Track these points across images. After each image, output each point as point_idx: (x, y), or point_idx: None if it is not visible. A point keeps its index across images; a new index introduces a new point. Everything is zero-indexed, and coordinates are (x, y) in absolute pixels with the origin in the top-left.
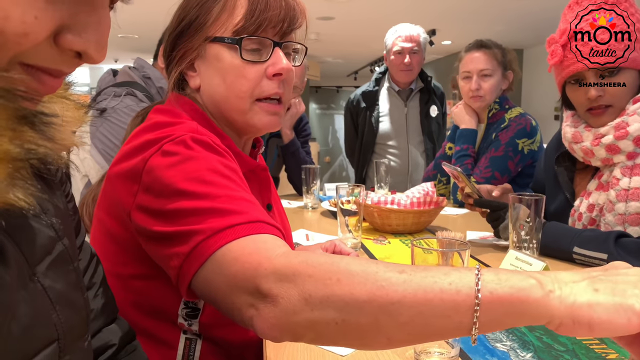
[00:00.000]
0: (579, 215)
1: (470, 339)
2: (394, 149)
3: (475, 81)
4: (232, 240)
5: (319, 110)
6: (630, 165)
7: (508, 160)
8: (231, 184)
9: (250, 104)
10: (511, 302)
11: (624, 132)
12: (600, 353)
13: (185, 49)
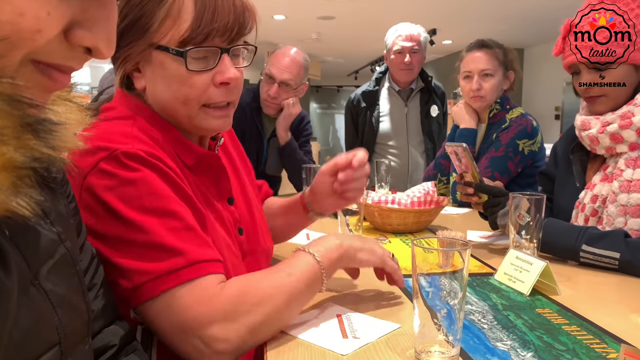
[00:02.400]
0: (582, 207)
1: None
2: (394, 149)
3: (476, 81)
4: (175, 285)
5: (319, 109)
6: (634, 157)
7: (508, 160)
8: (171, 208)
9: (197, 110)
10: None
11: (629, 122)
12: (601, 352)
13: (129, 51)
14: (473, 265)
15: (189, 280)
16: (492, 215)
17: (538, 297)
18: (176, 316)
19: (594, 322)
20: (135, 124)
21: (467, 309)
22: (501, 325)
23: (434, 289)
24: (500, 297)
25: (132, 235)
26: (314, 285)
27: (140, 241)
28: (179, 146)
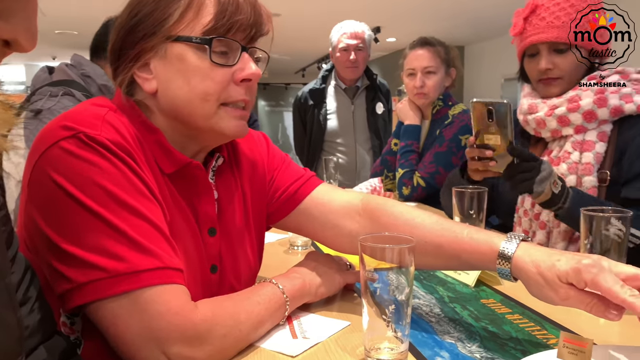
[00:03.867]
0: None
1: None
2: (342, 146)
3: (419, 78)
4: (142, 287)
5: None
6: (580, 140)
7: (452, 155)
8: (137, 203)
9: (216, 107)
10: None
11: (576, 105)
12: (542, 339)
13: (141, 47)
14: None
15: (159, 284)
16: (525, 181)
17: (483, 288)
18: (143, 322)
19: (535, 309)
20: (112, 113)
21: (415, 302)
22: (448, 318)
23: (382, 285)
24: (446, 289)
25: (90, 224)
26: (278, 315)
27: (99, 231)
28: (159, 150)
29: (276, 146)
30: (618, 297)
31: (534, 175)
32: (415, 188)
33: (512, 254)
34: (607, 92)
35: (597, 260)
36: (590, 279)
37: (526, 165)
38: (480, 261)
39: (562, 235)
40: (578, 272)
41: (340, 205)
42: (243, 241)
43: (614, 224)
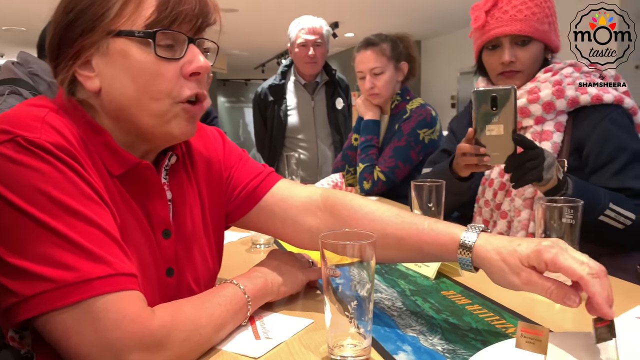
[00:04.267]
0: (490, 182)
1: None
2: (303, 142)
3: (368, 80)
4: (94, 296)
5: (228, 103)
6: (539, 131)
7: (410, 150)
8: (83, 208)
9: (169, 105)
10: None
11: (536, 97)
12: (501, 328)
13: (80, 44)
14: None
15: (112, 292)
16: (533, 169)
17: (443, 280)
18: (97, 332)
19: (494, 299)
20: (53, 114)
21: (377, 297)
22: (410, 311)
23: (344, 280)
24: (407, 282)
25: (34, 233)
26: (240, 317)
27: (44, 240)
28: (105, 151)
29: (233, 142)
30: (576, 274)
31: (541, 162)
32: (375, 182)
33: (473, 244)
34: (564, 83)
35: (555, 242)
36: (550, 258)
37: (532, 153)
38: (441, 252)
39: (523, 225)
40: (539, 253)
41: (301, 201)
42: (201, 242)
43: (566, 214)
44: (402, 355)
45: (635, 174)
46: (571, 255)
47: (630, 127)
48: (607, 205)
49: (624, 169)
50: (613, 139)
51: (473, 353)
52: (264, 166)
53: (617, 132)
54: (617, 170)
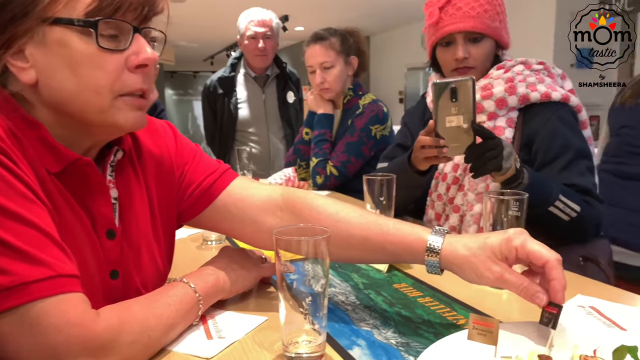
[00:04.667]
0: (443, 176)
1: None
2: (254, 136)
3: (318, 75)
4: (34, 300)
5: (175, 96)
6: (491, 127)
7: (362, 145)
8: (18, 208)
9: (110, 100)
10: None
11: (489, 93)
12: (452, 320)
13: (11, 32)
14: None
15: (52, 295)
16: (493, 159)
17: (395, 273)
18: (37, 338)
19: (444, 291)
20: None
21: (331, 291)
22: (363, 305)
23: (299, 276)
24: (360, 276)
25: None
26: (191, 316)
27: None
28: (42, 147)
29: (185, 137)
30: (543, 258)
31: (500, 152)
32: (328, 177)
33: (440, 246)
34: (515, 80)
35: (521, 231)
36: (520, 244)
37: (491, 142)
38: (407, 253)
39: (475, 219)
40: (509, 241)
41: (260, 201)
42: (149, 243)
43: (512, 207)
44: (357, 350)
45: (579, 171)
46: (538, 242)
47: (575, 125)
48: (557, 196)
49: (569, 165)
50: (559, 137)
51: (426, 346)
52: (219, 162)
53: (563, 130)
54: (563, 166)
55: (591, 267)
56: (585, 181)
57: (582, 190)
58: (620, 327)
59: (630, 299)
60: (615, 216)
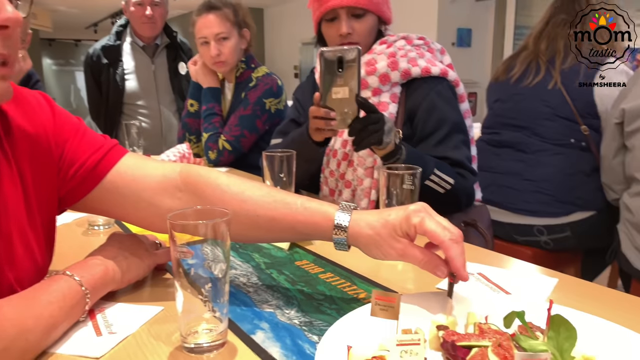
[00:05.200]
0: (334, 152)
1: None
2: (144, 109)
3: (214, 47)
4: None
5: (55, 66)
6: (376, 102)
7: (256, 118)
8: None
9: None
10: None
11: (373, 69)
12: (353, 295)
13: None
14: None
15: None
16: (374, 133)
17: (296, 250)
18: None
19: (345, 266)
20: None
21: (232, 274)
22: (266, 285)
23: (197, 261)
24: (262, 255)
25: None
26: (77, 312)
27: None
28: None
29: (65, 111)
30: (438, 238)
31: (382, 126)
32: (221, 152)
33: (347, 224)
34: (397, 55)
35: (422, 206)
36: (418, 222)
37: (374, 116)
38: (315, 231)
39: (365, 193)
40: (408, 218)
41: (156, 181)
42: (24, 232)
43: (407, 181)
44: (260, 334)
45: (454, 144)
46: (436, 220)
47: (452, 100)
48: (432, 170)
49: (444, 139)
50: (437, 111)
51: (329, 323)
52: (104, 138)
53: (441, 104)
54: (439, 140)
55: (472, 231)
56: (458, 154)
57: (455, 163)
58: (505, 291)
59: (507, 262)
60: (489, 180)
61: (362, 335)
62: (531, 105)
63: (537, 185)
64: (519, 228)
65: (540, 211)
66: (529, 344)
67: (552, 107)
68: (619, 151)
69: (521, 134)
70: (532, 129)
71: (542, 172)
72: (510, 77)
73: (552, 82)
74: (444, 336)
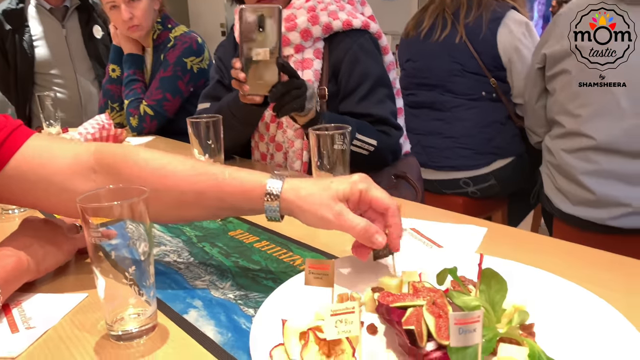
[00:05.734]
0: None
1: None
2: (59, 79)
3: (125, 10)
4: None
5: None
6: (300, 60)
7: (178, 80)
8: None
9: None
10: None
11: (293, 24)
12: (289, 262)
13: None
14: None
15: None
16: (297, 98)
17: (230, 220)
18: None
19: (280, 232)
20: None
21: (161, 250)
22: (198, 261)
23: (121, 240)
24: (193, 228)
25: None
26: None
27: None
28: None
29: None
30: (384, 204)
31: (304, 92)
32: (142, 117)
33: (280, 190)
34: (317, 9)
35: (366, 177)
36: (364, 188)
37: (297, 82)
38: (246, 201)
39: (297, 154)
40: (354, 184)
41: (67, 164)
42: None
43: (337, 141)
44: (193, 313)
45: (377, 100)
46: (380, 188)
47: (375, 53)
48: (355, 135)
49: (367, 94)
50: (360, 65)
51: (265, 295)
52: (5, 118)
53: (364, 57)
54: (362, 96)
55: (403, 183)
56: (382, 110)
57: (379, 120)
58: (437, 244)
59: (438, 215)
60: (413, 141)
61: (298, 305)
62: (441, 63)
63: (457, 141)
64: (446, 183)
65: (463, 165)
66: (462, 301)
67: (461, 63)
68: (541, 95)
69: (435, 93)
70: (444, 87)
71: (460, 127)
72: (419, 32)
73: (458, 36)
74: (379, 299)
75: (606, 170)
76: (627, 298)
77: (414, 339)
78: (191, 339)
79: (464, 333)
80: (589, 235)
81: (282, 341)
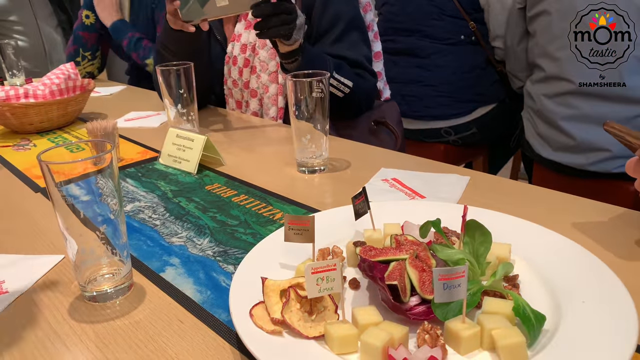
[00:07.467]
0: (233, 59)
1: None
2: (19, 26)
3: None
4: None
5: None
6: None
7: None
8: None
9: None
10: None
11: None
12: (268, 216)
13: None
14: (135, 152)
15: None
16: (287, 24)
17: (206, 174)
18: None
19: (259, 185)
20: None
21: (135, 206)
22: (174, 216)
23: (92, 197)
24: (168, 183)
25: None
26: None
27: None
28: None
29: None
30: None
31: (295, 19)
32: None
33: None
34: None
35: None
36: None
37: (289, 6)
38: None
39: (272, 100)
40: None
41: None
42: None
43: (316, 88)
44: (170, 271)
45: (350, 42)
46: None
47: None
48: (332, 74)
49: (341, 37)
50: (332, 6)
51: (245, 250)
52: None
53: None
54: (335, 38)
55: (382, 129)
56: (356, 54)
57: (353, 63)
58: (420, 195)
59: (420, 164)
60: (394, 91)
61: (278, 262)
62: (418, 6)
63: (437, 90)
64: (427, 132)
65: (444, 114)
66: (446, 254)
67: (438, 5)
68: (522, 37)
69: (413, 39)
70: (422, 32)
71: (440, 75)
72: None
73: None
74: (361, 253)
75: (586, 115)
76: (609, 245)
77: (397, 294)
78: (169, 297)
79: (448, 289)
80: (569, 180)
81: (263, 299)
